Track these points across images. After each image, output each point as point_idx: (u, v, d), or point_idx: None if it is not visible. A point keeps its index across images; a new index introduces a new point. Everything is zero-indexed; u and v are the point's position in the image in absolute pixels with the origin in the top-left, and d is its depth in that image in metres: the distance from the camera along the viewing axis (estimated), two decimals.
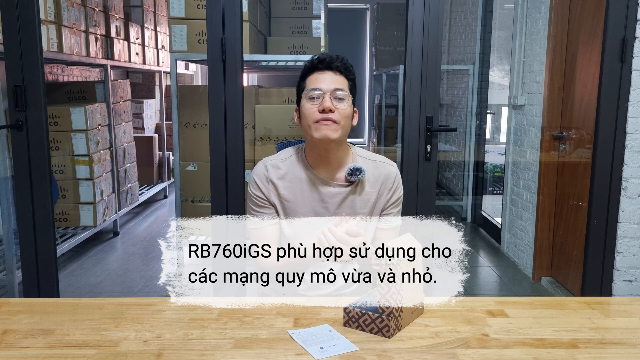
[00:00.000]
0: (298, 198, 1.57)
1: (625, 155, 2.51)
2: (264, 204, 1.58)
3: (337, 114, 1.50)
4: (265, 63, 3.82)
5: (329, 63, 1.54)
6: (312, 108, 1.51)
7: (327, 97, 1.50)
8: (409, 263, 1.24)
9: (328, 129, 1.49)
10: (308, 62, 1.58)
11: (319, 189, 1.57)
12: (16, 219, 2.46)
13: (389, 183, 1.61)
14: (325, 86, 1.51)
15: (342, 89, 1.52)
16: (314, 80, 1.54)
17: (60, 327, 1.25)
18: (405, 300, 1.24)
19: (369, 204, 1.60)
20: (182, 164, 3.81)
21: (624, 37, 2.35)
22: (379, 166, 1.62)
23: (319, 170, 1.58)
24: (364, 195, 1.59)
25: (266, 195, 1.57)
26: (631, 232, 2.61)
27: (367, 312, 1.23)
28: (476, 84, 4.95)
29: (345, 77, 1.55)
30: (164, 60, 5.98)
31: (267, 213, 1.57)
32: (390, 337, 1.20)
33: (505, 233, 4.10)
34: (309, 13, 4.14)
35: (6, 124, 2.95)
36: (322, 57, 1.55)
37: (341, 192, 1.57)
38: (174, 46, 3.62)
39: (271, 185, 1.58)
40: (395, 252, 1.21)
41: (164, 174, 5.98)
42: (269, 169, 1.59)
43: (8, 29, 2.28)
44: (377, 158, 1.65)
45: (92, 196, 4.05)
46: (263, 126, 3.70)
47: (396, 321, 1.22)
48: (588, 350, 1.17)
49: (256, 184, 1.59)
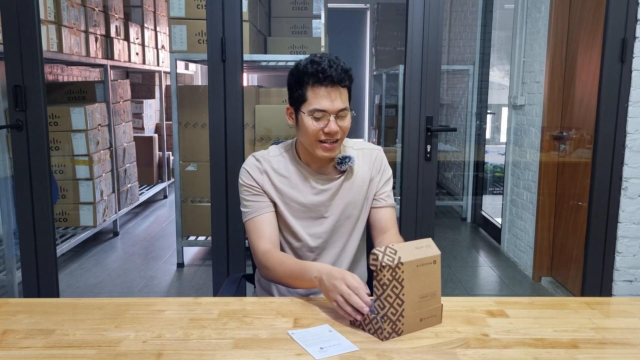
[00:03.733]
0: (293, 191, 1.58)
1: (625, 155, 2.51)
2: (258, 192, 1.57)
3: (341, 131, 1.51)
4: (265, 63, 3.82)
5: (337, 80, 1.47)
6: (316, 127, 1.48)
7: (332, 120, 1.48)
8: (416, 268, 1.21)
9: (331, 151, 1.52)
10: (308, 69, 1.48)
11: (312, 182, 1.59)
12: (16, 219, 2.46)
13: (377, 165, 1.66)
14: (331, 107, 1.47)
15: (346, 107, 1.50)
16: (319, 96, 1.47)
17: (60, 327, 1.25)
18: (409, 306, 1.21)
19: (362, 190, 1.63)
20: (182, 164, 3.81)
21: (624, 37, 2.35)
22: (365, 152, 1.66)
23: (311, 164, 1.60)
24: (357, 182, 1.62)
25: (260, 184, 1.57)
26: (631, 232, 2.61)
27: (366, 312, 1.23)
28: (476, 84, 4.96)
29: (347, 88, 1.52)
30: (163, 60, 5.98)
31: (261, 201, 1.57)
32: (384, 339, 1.19)
33: (505, 233, 4.10)
34: (309, 13, 4.14)
35: (6, 124, 2.95)
36: (327, 73, 1.45)
37: (334, 183, 1.60)
38: (174, 46, 3.63)
39: (265, 175, 1.58)
40: (397, 254, 1.20)
41: (164, 174, 5.98)
42: (261, 161, 1.60)
43: (8, 29, 2.28)
44: (362, 145, 1.68)
45: (92, 196, 4.05)
46: (263, 126, 3.70)
47: (393, 325, 1.20)
48: (588, 351, 1.17)
49: (249, 173, 1.58)
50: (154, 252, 4.12)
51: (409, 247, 1.23)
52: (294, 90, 1.54)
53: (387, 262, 1.18)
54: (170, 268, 3.77)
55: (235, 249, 2.41)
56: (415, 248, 1.23)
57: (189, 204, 3.84)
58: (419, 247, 1.24)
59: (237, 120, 2.34)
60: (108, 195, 4.32)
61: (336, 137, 1.50)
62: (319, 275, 1.32)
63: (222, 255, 2.42)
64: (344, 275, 1.26)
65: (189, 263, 3.89)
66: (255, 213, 1.56)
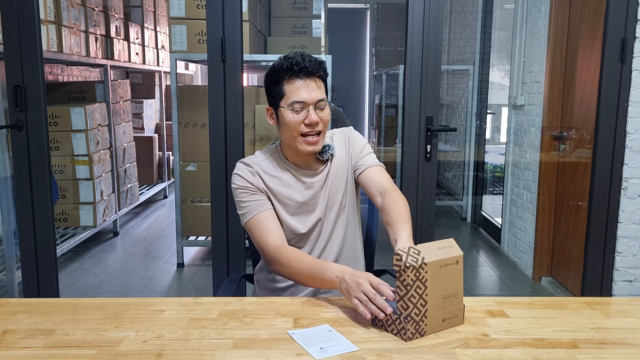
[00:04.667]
0: (287, 190, 1.60)
1: (625, 155, 2.51)
2: (253, 191, 1.58)
3: (321, 122, 1.52)
4: (265, 63, 3.82)
5: (311, 71, 1.51)
6: (297, 120, 1.50)
7: (311, 111, 1.50)
8: (439, 269, 1.21)
9: (314, 145, 1.53)
10: (283, 64, 1.51)
11: (302, 178, 1.61)
12: (16, 219, 2.46)
13: (349, 143, 1.67)
14: (309, 98, 1.50)
15: (323, 98, 1.53)
16: (295, 90, 1.50)
17: (60, 327, 1.25)
18: (432, 306, 1.21)
19: (346, 168, 1.65)
20: (182, 164, 3.81)
21: (624, 37, 2.35)
22: (337, 136, 1.69)
23: (298, 163, 1.62)
24: (339, 163, 1.64)
25: (255, 185, 1.58)
26: (631, 232, 2.61)
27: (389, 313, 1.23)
28: (476, 84, 4.96)
29: (322, 80, 1.55)
30: (163, 60, 5.98)
31: (260, 199, 1.58)
32: (407, 340, 1.19)
33: (505, 233, 4.10)
34: (309, 13, 4.14)
35: (6, 124, 2.95)
36: (303, 65, 1.49)
37: (322, 174, 1.62)
38: (174, 46, 3.63)
39: (257, 177, 1.59)
40: (419, 254, 1.19)
41: (164, 174, 5.98)
42: (251, 165, 1.61)
43: (8, 29, 2.28)
44: (333, 131, 1.71)
45: (92, 196, 4.05)
46: (263, 126, 3.70)
47: (416, 325, 1.19)
48: (588, 351, 1.17)
49: (241, 176, 1.59)
50: (154, 252, 4.12)
51: (432, 248, 1.23)
52: (271, 89, 1.56)
53: (411, 263, 1.17)
54: (170, 268, 3.77)
55: (235, 249, 2.41)
56: (438, 248, 1.23)
57: (189, 204, 3.84)
58: (441, 248, 1.24)
59: (237, 120, 2.34)
60: (108, 195, 4.32)
61: (317, 128, 1.52)
62: (341, 275, 1.32)
63: (222, 255, 2.42)
64: (367, 275, 1.28)
65: (189, 263, 3.89)
66: (256, 211, 1.56)
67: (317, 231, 1.62)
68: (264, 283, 1.69)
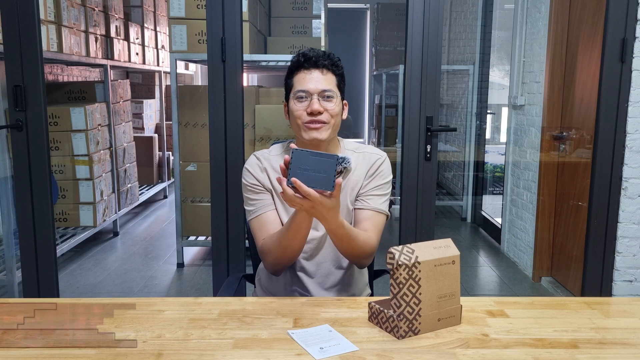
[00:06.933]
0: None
1: (625, 155, 2.51)
2: (260, 190, 1.58)
3: (326, 114, 1.50)
4: (265, 63, 3.82)
5: (315, 61, 1.52)
6: (300, 109, 1.50)
7: (315, 99, 1.49)
8: (434, 268, 1.21)
9: (317, 131, 1.50)
10: (294, 58, 1.55)
11: None
12: (16, 219, 2.46)
13: (372, 169, 1.60)
14: (312, 87, 1.50)
15: (330, 89, 1.51)
16: (300, 80, 1.52)
17: (60, 327, 1.25)
18: (426, 305, 1.21)
19: (353, 194, 1.60)
20: (182, 164, 3.81)
21: (624, 37, 2.35)
22: (366, 156, 1.62)
23: None
24: (352, 182, 1.59)
25: (262, 182, 1.58)
26: (631, 232, 2.61)
27: (383, 309, 1.23)
28: (476, 84, 4.96)
29: (333, 73, 1.54)
30: (163, 60, 5.98)
31: (265, 199, 1.57)
32: (400, 338, 1.19)
33: (505, 233, 4.10)
34: (309, 13, 4.14)
35: (6, 124, 2.95)
36: (308, 55, 1.52)
37: None
38: (174, 46, 3.63)
39: (265, 173, 1.59)
40: (413, 254, 1.19)
41: (164, 174, 5.98)
42: (261, 160, 1.60)
43: (8, 29, 2.28)
44: (364, 149, 1.65)
45: (92, 196, 4.05)
46: (263, 126, 3.70)
47: (409, 324, 1.20)
48: (588, 351, 1.17)
49: (250, 172, 1.59)
50: (154, 252, 4.12)
51: (427, 247, 1.23)
52: (285, 85, 1.58)
53: (403, 261, 1.18)
54: (170, 268, 3.77)
55: (235, 249, 2.41)
56: (433, 248, 1.23)
57: (189, 204, 3.84)
58: (437, 247, 1.24)
59: (237, 120, 2.34)
60: (108, 195, 4.32)
61: (321, 117, 1.49)
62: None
63: (222, 255, 2.42)
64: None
65: (189, 263, 3.89)
66: (260, 211, 1.57)
67: (314, 233, 1.61)
68: (264, 283, 1.69)
